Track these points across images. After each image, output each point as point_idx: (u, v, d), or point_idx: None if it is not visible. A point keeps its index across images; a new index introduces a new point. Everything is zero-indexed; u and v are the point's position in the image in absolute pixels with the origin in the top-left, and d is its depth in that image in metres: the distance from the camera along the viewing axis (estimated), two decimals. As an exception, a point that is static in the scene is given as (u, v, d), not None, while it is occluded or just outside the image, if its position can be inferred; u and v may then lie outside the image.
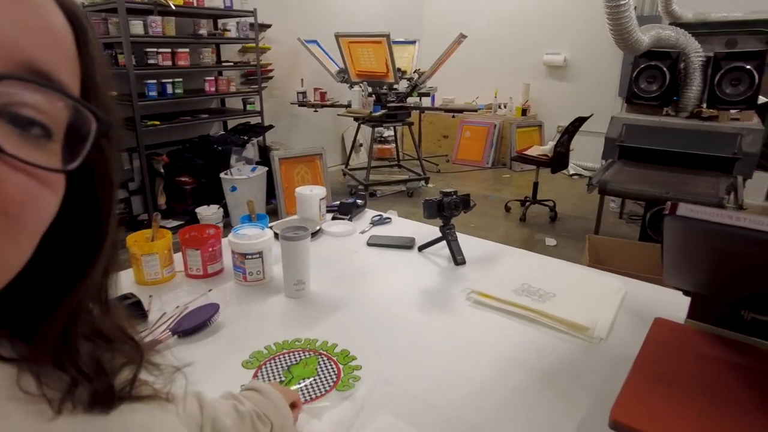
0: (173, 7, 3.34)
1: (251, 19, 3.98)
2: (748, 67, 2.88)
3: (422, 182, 4.70)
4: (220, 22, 3.99)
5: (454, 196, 1.28)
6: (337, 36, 4.31)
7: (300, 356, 0.86)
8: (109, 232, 0.32)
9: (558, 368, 0.86)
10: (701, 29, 3.42)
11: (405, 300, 1.10)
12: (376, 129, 4.85)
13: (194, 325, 0.94)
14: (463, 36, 4.42)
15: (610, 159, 3.02)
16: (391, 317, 1.03)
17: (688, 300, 0.90)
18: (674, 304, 1.01)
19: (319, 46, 4.86)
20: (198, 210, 3.34)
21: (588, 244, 2.41)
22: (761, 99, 3.31)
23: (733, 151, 2.73)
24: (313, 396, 0.76)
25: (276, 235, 1.21)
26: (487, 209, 4.17)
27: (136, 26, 3.20)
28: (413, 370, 0.85)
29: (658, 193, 2.46)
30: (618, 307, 1.05)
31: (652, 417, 0.64)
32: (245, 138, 3.79)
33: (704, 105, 3.08)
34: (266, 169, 3.73)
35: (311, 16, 5.17)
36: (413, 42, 5.16)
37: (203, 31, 3.70)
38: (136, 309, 0.98)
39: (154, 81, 3.39)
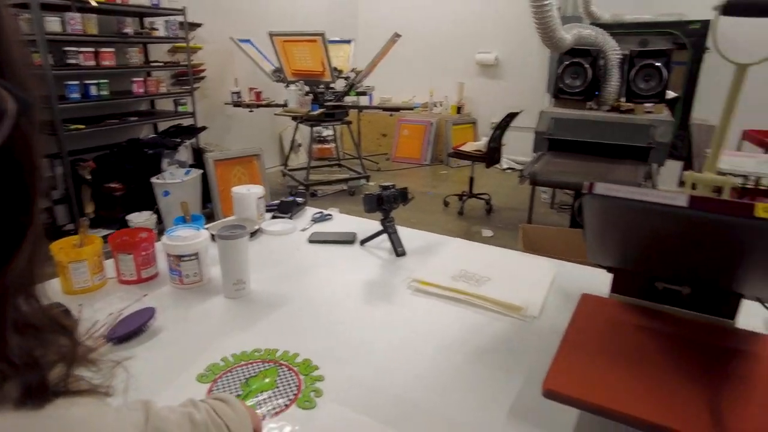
0: (93, 4, 3.17)
1: (180, 18, 3.84)
2: (658, 64, 3.12)
3: (363, 180, 4.73)
4: (147, 20, 3.82)
5: (393, 190, 1.30)
6: (272, 35, 4.25)
7: (259, 368, 0.84)
8: (34, 216, 0.31)
9: (495, 346, 0.90)
10: (617, 29, 3.66)
11: (349, 293, 1.11)
12: (314, 128, 4.82)
13: (129, 330, 0.91)
14: (397, 35, 4.48)
15: (540, 152, 3.17)
16: (336, 310, 1.04)
17: (610, 276, 0.97)
18: (599, 282, 1.08)
19: (253, 46, 4.77)
20: (129, 217, 3.19)
21: (522, 233, 2.52)
22: (670, 94, 3.59)
23: (647, 141, 2.94)
24: (273, 412, 0.74)
25: (212, 236, 1.19)
26: (426, 205, 4.26)
27: (53, 23, 3.00)
28: (360, 358, 0.87)
29: (584, 182, 2.61)
30: (548, 287, 1.11)
31: (581, 383, 0.68)
32: (178, 140, 3.65)
33: (622, 99, 3.30)
34: (201, 171, 3.62)
35: (244, 15, 5.06)
36: (349, 41, 5.17)
37: (129, 30, 3.53)
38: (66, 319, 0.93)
39: (77, 82, 3.19)
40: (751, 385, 0.68)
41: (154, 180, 3.36)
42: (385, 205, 1.29)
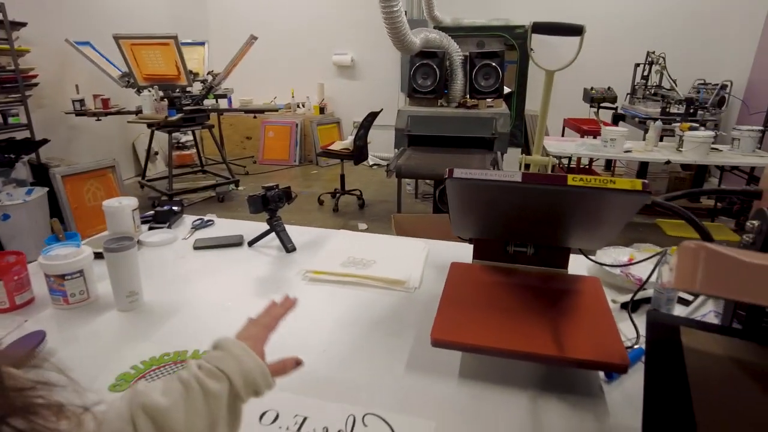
0: None
1: (-1, 17, 3.39)
2: (494, 64, 3.56)
3: (232, 185, 4.62)
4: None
5: (277, 190, 1.38)
6: (117, 38, 3.94)
7: (173, 369, 0.86)
8: None
9: (386, 317, 1.04)
10: (458, 32, 4.08)
11: (245, 290, 1.16)
12: (173, 134, 4.58)
13: (19, 356, 0.87)
14: (254, 37, 4.45)
15: (402, 147, 3.43)
16: (235, 308, 1.09)
17: (472, 247, 1.17)
18: (463, 253, 1.28)
19: (94, 48, 4.37)
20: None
21: (394, 222, 2.73)
22: (507, 90, 4.10)
23: (491, 132, 3.36)
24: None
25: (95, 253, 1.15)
26: (301, 205, 4.32)
27: None
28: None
29: (443, 171, 2.90)
30: (424, 262, 1.28)
31: (460, 330, 0.85)
32: (11, 156, 3.23)
33: (467, 96, 3.70)
34: (46, 189, 3.25)
35: (79, 15, 4.59)
36: (202, 43, 4.98)
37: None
38: (-66, 356, 0.86)
39: None
40: (580, 311, 0.91)
41: (-13, 203, 2.94)
42: (271, 204, 1.36)
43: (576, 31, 2.01)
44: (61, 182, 3.31)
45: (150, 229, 1.54)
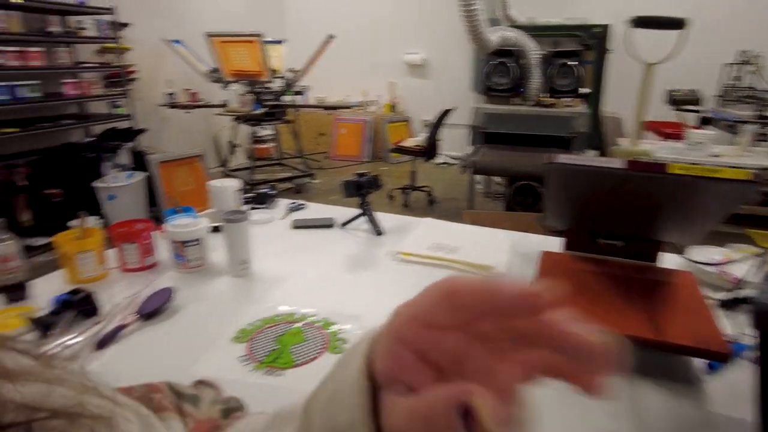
0: (20, 1, 3.03)
1: (110, 17, 3.74)
2: (572, 63, 3.49)
3: (308, 178, 4.82)
4: (74, 19, 3.68)
5: (369, 176, 1.46)
6: (209, 36, 4.23)
7: (285, 328, 0.97)
8: None
9: (477, 298, 1.09)
10: (533, 31, 4.03)
11: (341, 265, 1.25)
12: (253, 128, 4.84)
13: (155, 307, 1.00)
14: (331, 36, 4.61)
15: (478, 144, 3.45)
16: (333, 280, 1.18)
17: (556, 241, 1.19)
18: (548, 246, 1.31)
19: (184, 46, 4.70)
20: (70, 224, 3.08)
21: (467, 218, 2.76)
22: (583, 90, 4.01)
23: (569, 131, 3.30)
24: (307, 359, 0.87)
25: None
26: (373, 200, 4.43)
27: (-26, 22, 2.85)
28: (369, 315, 1.02)
29: (518, 169, 2.90)
30: (507, 250, 1.32)
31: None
32: (117, 143, 3.56)
33: (544, 94, 3.66)
34: (145, 174, 3.55)
35: (172, 16, 4.96)
36: (280, 41, 5.22)
37: (54, 29, 3.39)
38: (88, 302, 1.00)
39: (4, 84, 3.04)
40: (671, 301, 0.92)
41: (97, 184, 3.26)
42: (363, 190, 1.45)
43: (677, 24, 1.95)
44: (157, 168, 3.60)
45: (251, 209, 1.68)
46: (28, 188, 3.16)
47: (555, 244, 1.24)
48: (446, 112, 4.29)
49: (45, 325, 0.94)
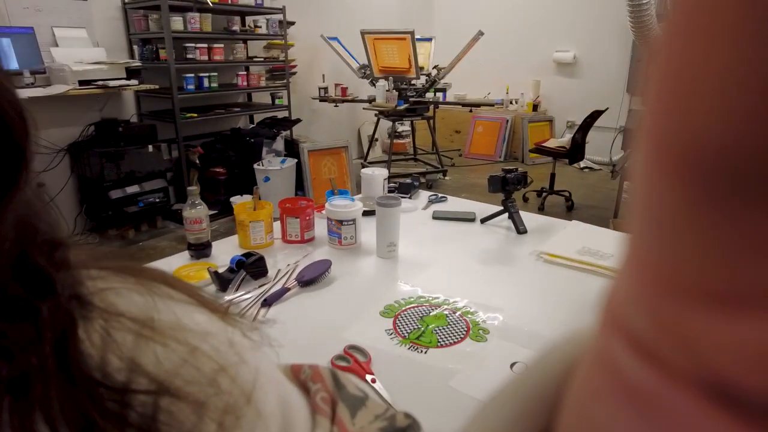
0: (210, 4, 3.50)
1: (279, 17, 4.14)
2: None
3: (440, 174, 4.87)
4: (249, 19, 4.14)
5: (517, 173, 1.44)
6: (363, 33, 4.47)
7: (428, 310, 1.01)
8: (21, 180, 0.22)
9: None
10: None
11: (482, 259, 1.26)
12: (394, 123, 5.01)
13: (315, 275, 1.11)
14: (481, 33, 4.58)
15: (630, 149, 3.18)
16: (475, 272, 1.19)
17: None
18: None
19: (340, 43, 5.02)
20: (232, 199, 3.49)
21: (613, 227, 2.58)
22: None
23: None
24: (449, 342, 0.91)
25: (362, 206, 1.37)
26: (504, 200, 4.34)
27: (177, 22, 3.35)
28: (511, 309, 1.01)
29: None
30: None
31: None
32: (275, 131, 3.95)
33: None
34: (295, 160, 3.89)
35: (330, 14, 5.32)
36: (429, 39, 5.31)
37: (236, 28, 3.85)
38: (260, 265, 1.14)
39: (192, 75, 3.54)
40: None
41: (256, 166, 3.66)
42: (509, 186, 1.43)
43: None
44: (307, 156, 3.92)
45: (393, 197, 1.76)
46: (200, 167, 3.65)
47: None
48: (597, 113, 4.02)
49: (223, 280, 1.09)
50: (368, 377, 0.78)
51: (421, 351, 0.88)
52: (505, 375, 0.81)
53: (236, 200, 3.63)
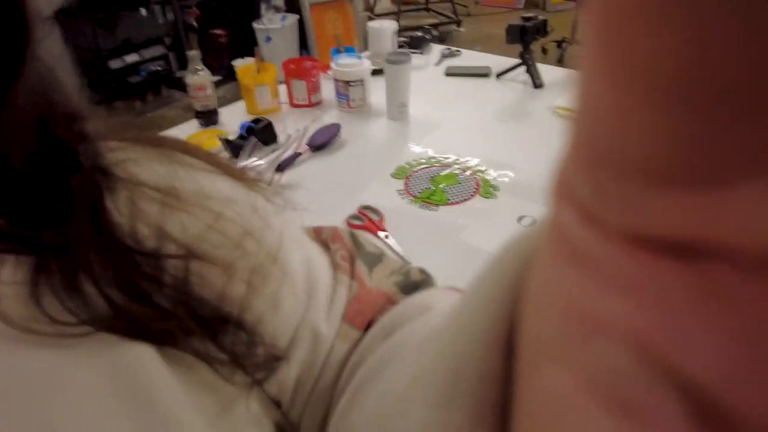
0: None
1: None
2: None
3: (455, 25, 4.54)
4: None
5: (536, 20, 1.33)
6: None
7: (439, 170, 1.01)
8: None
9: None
10: None
11: (495, 118, 1.23)
12: (402, -31, 4.54)
13: (326, 140, 1.10)
14: None
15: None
16: (488, 131, 1.17)
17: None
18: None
19: None
20: (234, 63, 3.34)
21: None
22: None
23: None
24: (459, 199, 0.92)
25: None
26: (521, 53, 4.09)
27: None
28: (520, 165, 1.01)
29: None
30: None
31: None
32: (272, -17, 3.62)
33: None
34: (297, 17, 3.62)
35: None
36: None
37: None
38: (269, 131, 1.13)
39: None
40: None
41: (255, 25, 3.43)
42: (528, 36, 1.33)
43: None
44: (308, 10, 3.64)
45: (403, 54, 1.66)
46: (199, 29, 3.44)
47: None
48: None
49: (235, 147, 1.09)
50: (381, 234, 0.81)
51: (432, 209, 0.90)
52: (514, 228, 0.84)
53: (238, 63, 3.49)
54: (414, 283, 0.32)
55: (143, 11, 3.05)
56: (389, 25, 1.57)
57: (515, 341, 0.13)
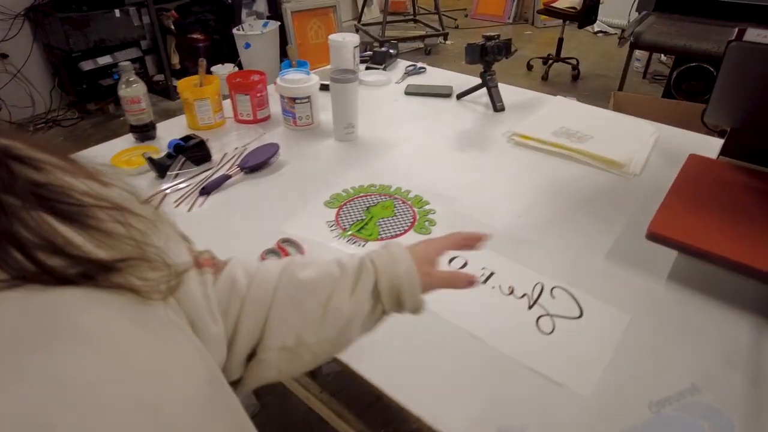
0: None
1: None
2: None
3: (441, 38, 4.50)
4: None
5: (497, 40, 1.27)
6: None
7: (377, 199, 0.94)
8: None
9: (595, 196, 0.95)
10: None
11: (450, 142, 1.16)
12: (391, -21, 4.49)
13: (260, 161, 1.02)
14: None
15: (645, 11, 2.85)
16: (440, 156, 1.10)
17: (718, 143, 0.96)
18: (703, 148, 1.07)
19: None
20: (213, 69, 3.27)
21: (613, 101, 2.40)
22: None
23: (778, -1, 2.56)
24: (391, 234, 0.85)
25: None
26: (508, 67, 4.04)
27: None
28: (466, 197, 0.94)
29: (694, 46, 2.37)
30: (651, 147, 1.11)
31: (685, 229, 0.73)
32: (255, -11, 3.56)
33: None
34: (278, 23, 3.56)
35: None
36: None
37: None
38: (201, 149, 1.05)
39: None
40: None
41: (235, 32, 3.36)
42: (489, 56, 1.27)
43: None
44: (290, 17, 3.59)
45: (367, 69, 1.59)
46: (177, 33, 3.36)
47: (713, 148, 1.01)
48: (616, -33, 3.55)
49: (161, 167, 1.01)
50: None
51: (360, 244, 0.83)
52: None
53: (217, 70, 3.42)
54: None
55: (117, 12, 2.97)
56: (351, 39, 1.50)
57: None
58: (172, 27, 3.39)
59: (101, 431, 0.23)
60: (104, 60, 3.04)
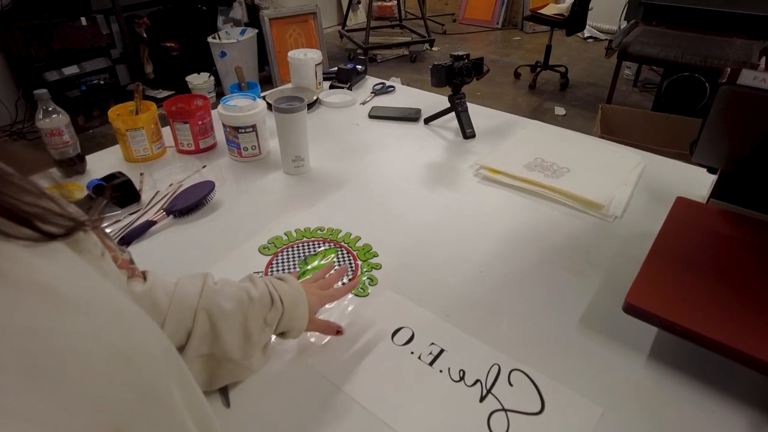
0: None
1: None
2: None
3: (426, 45, 4.38)
4: None
5: (466, 61, 1.15)
6: None
7: (318, 247, 0.82)
8: None
9: (569, 245, 0.83)
10: None
11: (412, 176, 1.04)
12: (376, -16, 4.38)
13: (190, 204, 0.90)
14: None
15: (633, 20, 2.75)
16: (398, 195, 0.98)
17: (710, 179, 0.85)
18: (695, 183, 0.96)
19: None
20: (188, 78, 3.12)
21: (600, 114, 2.29)
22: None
23: (770, 8, 2.46)
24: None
25: (270, 106, 1.11)
26: (494, 75, 3.93)
27: None
28: (421, 248, 0.82)
29: (684, 58, 2.27)
30: (635, 183, 0.99)
31: (668, 302, 0.61)
32: (232, -5, 3.43)
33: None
34: (256, 31, 3.44)
35: None
36: None
37: None
38: (127, 188, 0.93)
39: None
40: None
41: (210, 40, 3.23)
42: (457, 78, 1.15)
43: None
44: (268, 25, 3.46)
45: (331, 87, 1.47)
46: (149, 41, 3.23)
47: (705, 183, 0.90)
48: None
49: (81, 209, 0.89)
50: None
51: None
52: (384, 343, 0.64)
53: (192, 79, 3.27)
54: None
55: (83, 20, 2.83)
56: (312, 56, 1.38)
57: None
58: (145, 35, 3.25)
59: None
60: (70, 70, 2.91)
